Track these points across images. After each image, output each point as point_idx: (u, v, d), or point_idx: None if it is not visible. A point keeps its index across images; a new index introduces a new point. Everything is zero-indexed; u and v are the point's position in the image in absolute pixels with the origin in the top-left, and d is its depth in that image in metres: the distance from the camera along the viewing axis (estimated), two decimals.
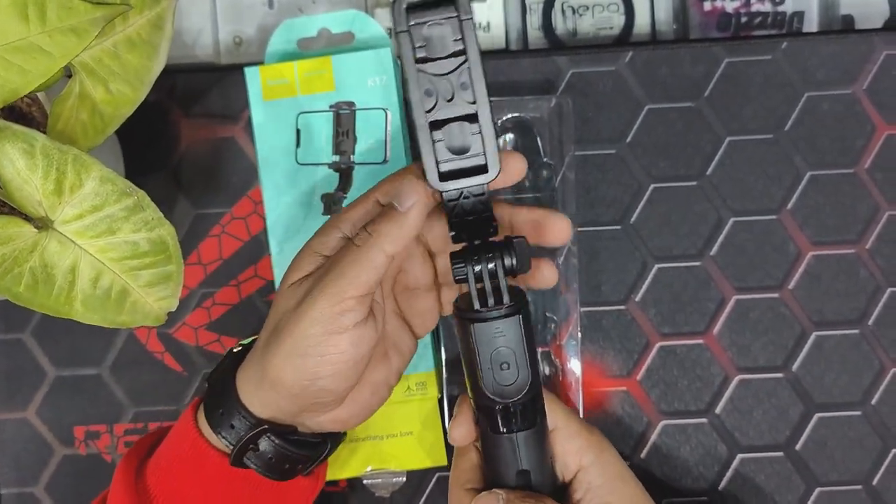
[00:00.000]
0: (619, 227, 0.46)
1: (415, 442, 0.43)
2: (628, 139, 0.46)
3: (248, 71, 0.43)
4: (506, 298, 0.33)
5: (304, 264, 0.35)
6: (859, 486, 0.45)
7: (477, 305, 0.33)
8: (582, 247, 0.45)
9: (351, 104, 0.43)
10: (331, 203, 0.43)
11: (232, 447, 0.35)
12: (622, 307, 0.46)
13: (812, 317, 0.46)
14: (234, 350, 0.39)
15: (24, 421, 0.46)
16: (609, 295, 0.46)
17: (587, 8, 0.48)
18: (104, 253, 0.29)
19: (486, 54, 0.46)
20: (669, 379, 0.46)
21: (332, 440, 0.38)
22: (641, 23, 0.48)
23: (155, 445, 0.40)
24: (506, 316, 0.33)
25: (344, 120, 0.43)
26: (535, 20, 0.48)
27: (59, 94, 0.31)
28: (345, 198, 0.43)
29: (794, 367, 0.46)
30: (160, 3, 0.32)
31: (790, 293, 0.46)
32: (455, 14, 0.32)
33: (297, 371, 0.33)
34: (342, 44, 0.44)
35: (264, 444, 0.35)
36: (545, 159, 0.44)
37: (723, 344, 0.46)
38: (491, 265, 0.33)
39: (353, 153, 0.43)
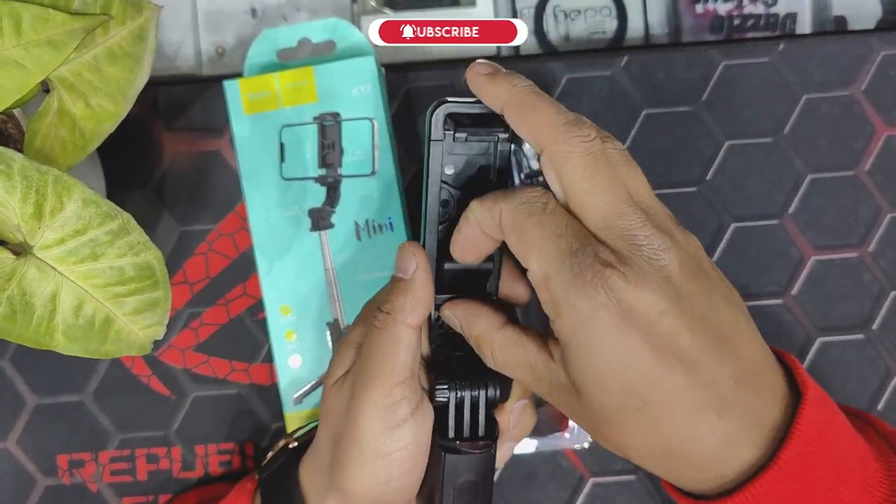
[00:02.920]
0: None
1: None
2: (626, 145, 0.44)
3: (228, 84, 0.42)
4: (481, 429, 0.33)
5: (344, 358, 0.34)
6: None
7: (452, 434, 0.32)
8: None
9: (336, 115, 0.41)
10: (318, 218, 0.42)
11: None
12: None
13: (816, 322, 0.45)
14: (291, 446, 0.37)
15: (4, 451, 0.44)
16: None
17: (579, 12, 0.47)
18: (87, 280, 0.28)
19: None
20: None
21: None
22: (634, 27, 0.47)
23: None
24: (480, 452, 0.32)
25: (329, 132, 0.41)
26: (526, 25, 0.47)
27: (37, 110, 0.29)
28: (333, 212, 0.42)
29: None
30: (142, 13, 0.30)
31: (793, 299, 0.45)
32: (497, 137, 0.31)
33: (370, 477, 0.32)
34: (324, 53, 0.43)
35: None
36: (540, 167, 0.43)
37: None
38: (475, 393, 0.32)
39: (340, 165, 0.42)
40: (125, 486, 0.44)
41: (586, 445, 0.44)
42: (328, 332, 0.42)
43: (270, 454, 0.39)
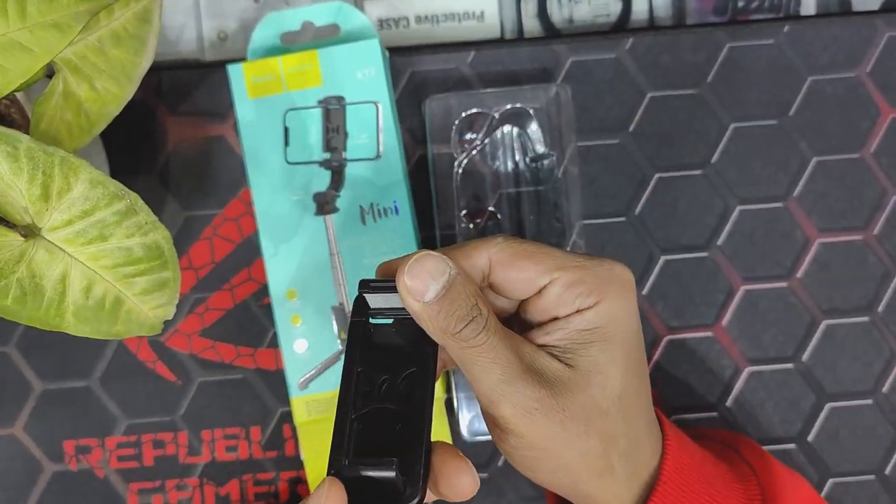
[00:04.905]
0: (623, 219, 0.45)
1: None
2: (631, 128, 0.45)
3: (231, 68, 0.42)
4: None
5: None
6: (872, 476, 0.45)
7: None
8: (587, 240, 0.44)
9: (340, 99, 0.41)
10: (323, 202, 0.42)
11: None
12: None
13: (821, 305, 0.45)
14: None
15: (10, 437, 0.44)
16: None
17: None
18: (96, 260, 0.28)
19: (480, 44, 0.45)
20: (679, 374, 0.45)
21: None
22: (639, 9, 0.47)
23: None
24: None
25: (333, 115, 0.41)
26: (530, 8, 0.46)
27: (40, 94, 0.29)
28: (338, 196, 0.42)
29: (805, 357, 0.45)
30: None
31: (799, 282, 0.45)
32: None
33: None
34: (327, 37, 0.43)
35: None
36: (546, 150, 0.43)
37: (732, 336, 0.45)
38: None
39: (345, 149, 0.41)
40: (132, 471, 0.45)
41: None
42: (333, 317, 0.42)
43: None
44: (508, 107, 0.42)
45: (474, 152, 0.43)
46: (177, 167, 0.45)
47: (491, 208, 0.43)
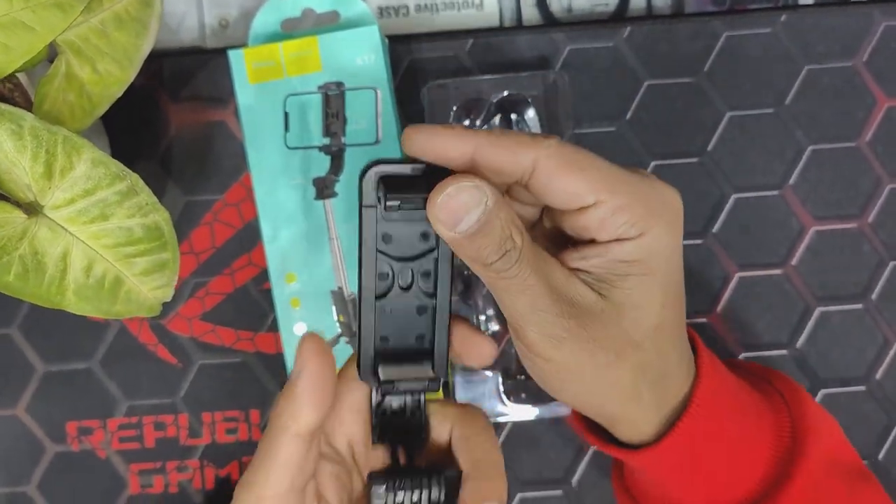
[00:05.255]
0: None
1: None
2: (628, 116, 0.45)
3: (232, 54, 0.42)
4: None
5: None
6: (865, 462, 0.45)
7: None
8: None
9: (340, 84, 0.42)
10: (323, 187, 0.42)
11: None
12: None
13: (816, 292, 0.45)
14: None
15: (13, 418, 0.45)
16: None
17: None
18: (97, 240, 0.28)
19: (479, 32, 0.45)
20: None
21: None
22: None
23: None
24: None
25: (333, 101, 0.42)
26: None
27: (43, 75, 0.30)
28: (337, 181, 0.42)
29: (799, 343, 0.45)
30: None
31: (794, 269, 0.45)
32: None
33: None
34: (328, 23, 0.43)
35: None
36: None
37: (727, 322, 0.45)
38: (416, 498, 0.29)
39: (344, 135, 0.42)
40: (133, 452, 0.45)
41: None
42: (332, 301, 0.42)
43: None
44: (506, 94, 0.43)
45: None
46: (178, 152, 0.45)
47: None
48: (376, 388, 0.30)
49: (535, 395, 0.44)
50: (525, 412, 0.44)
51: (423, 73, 0.45)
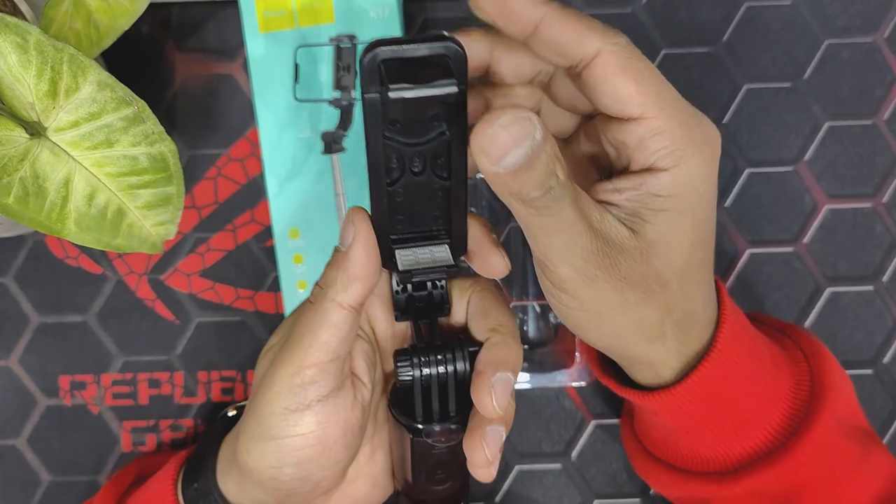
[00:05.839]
0: None
1: None
2: None
3: (243, 1, 0.41)
4: (452, 410, 0.30)
5: (283, 327, 0.31)
6: None
7: (420, 418, 0.30)
8: None
9: (352, 37, 0.41)
10: (331, 141, 0.41)
11: None
12: None
13: (826, 272, 0.44)
14: (229, 414, 0.35)
15: (5, 369, 0.44)
16: None
17: None
18: (100, 167, 0.27)
19: None
20: None
21: None
22: None
23: (138, 480, 0.37)
24: (449, 436, 0.30)
25: (345, 54, 0.41)
26: None
27: None
28: (345, 136, 0.41)
29: (807, 323, 0.44)
30: None
31: (805, 247, 0.44)
32: (447, 84, 0.24)
33: (262, 457, 0.29)
34: None
35: None
36: None
37: (735, 299, 0.44)
38: (442, 370, 0.29)
39: (355, 89, 0.41)
40: (126, 409, 0.44)
41: (584, 384, 0.43)
42: None
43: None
44: None
45: None
46: (183, 105, 0.44)
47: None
48: (396, 274, 0.29)
49: (533, 364, 0.43)
50: (522, 380, 0.43)
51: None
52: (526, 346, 0.44)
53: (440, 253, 0.28)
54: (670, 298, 0.29)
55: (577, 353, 0.42)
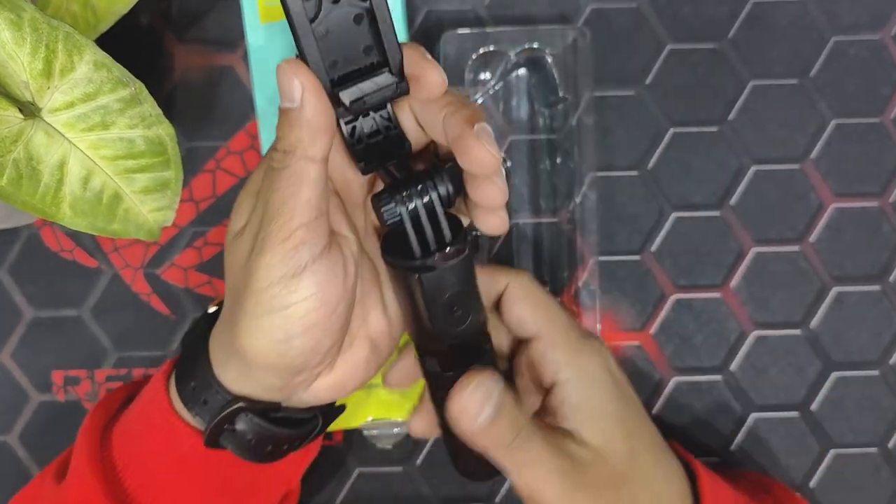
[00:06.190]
0: (636, 173, 0.44)
1: (419, 389, 0.41)
2: (648, 81, 0.44)
3: None
4: (447, 235, 0.29)
5: (243, 209, 0.30)
6: (874, 449, 0.44)
7: (419, 253, 0.29)
8: (599, 193, 0.43)
9: None
10: None
11: (206, 426, 0.31)
12: (637, 257, 0.44)
13: (832, 272, 0.44)
14: (210, 311, 0.34)
15: None
16: (623, 244, 0.44)
17: None
18: (96, 150, 0.26)
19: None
20: (684, 333, 0.44)
21: (324, 415, 0.33)
22: None
23: (126, 402, 0.36)
24: (454, 257, 0.29)
25: None
26: None
27: None
28: None
29: (813, 323, 0.44)
30: None
31: (811, 246, 0.44)
32: None
33: (266, 334, 0.28)
34: None
35: (242, 424, 0.31)
36: (561, 94, 0.42)
37: (740, 298, 0.44)
38: (426, 199, 0.28)
39: None
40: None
41: None
42: None
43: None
44: (525, 46, 0.41)
45: (490, 93, 0.42)
46: (182, 96, 0.44)
47: (502, 155, 0.42)
48: (344, 116, 0.28)
49: None
50: None
51: (439, 25, 0.43)
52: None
53: (382, 78, 0.27)
54: (632, 489, 0.33)
55: None
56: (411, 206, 0.28)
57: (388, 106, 0.29)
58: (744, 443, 0.44)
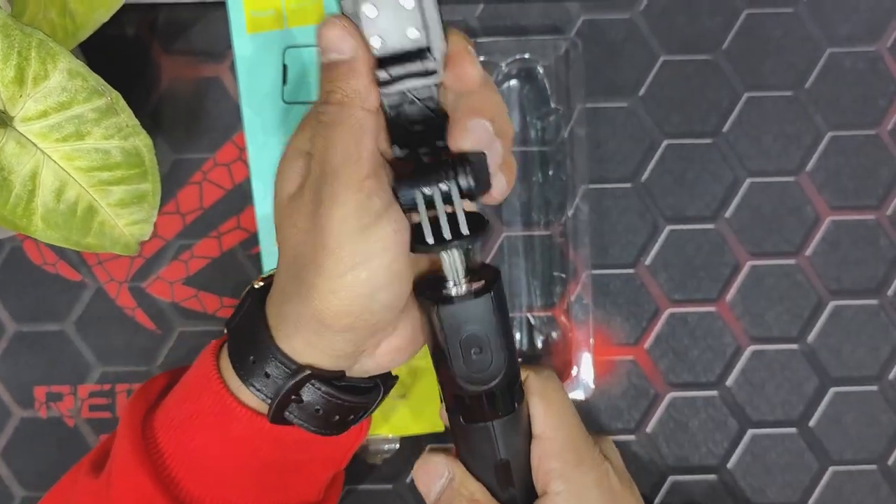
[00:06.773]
0: (629, 186, 0.43)
1: (409, 406, 0.40)
2: (641, 92, 0.43)
3: (231, 0, 0.40)
4: (464, 228, 0.28)
5: (291, 172, 0.29)
6: (874, 466, 0.43)
7: (430, 239, 0.28)
8: (591, 206, 0.42)
9: None
10: None
11: (269, 400, 0.30)
12: (631, 271, 0.43)
13: (829, 285, 0.43)
14: (257, 286, 0.32)
15: None
16: (617, 257, 0.43)
17: None
18: (70, 160, 0.26)
19: None
20: (679, 348, 0.43)
21: (384, 383, 0.33)
22: None
23: (164, 391, 0.35)
24: (476, 295, 0.29)
25: None
26: None
27: None
28: None
29: (810, 338, 0.43)
30: None
31: (807, 260, 0.43)
32: None
33: (351, 290, 0.27)
34: None
35: (309, 394, 0.30)
36: (553, 105, 0.41)
37: (736, 312, 0.43)
38: (444, 187, 0.28)
39: None
40: (103, 422, 0.43)
41: (581, 398, 0.42)
42: None
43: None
44: (517, 57, 0.41)
45: None
46: (169, 107, 0.43)
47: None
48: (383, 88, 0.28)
49: None
50: None
51: None
52: (521, 360, 0.42)
53: (421, 63, 0.27)
54: None
55: (573, 367, 0.41)
56: (427, 191, 0.28)
57: (434, 94, 0.29)
58: (741, 460, 0.43)
